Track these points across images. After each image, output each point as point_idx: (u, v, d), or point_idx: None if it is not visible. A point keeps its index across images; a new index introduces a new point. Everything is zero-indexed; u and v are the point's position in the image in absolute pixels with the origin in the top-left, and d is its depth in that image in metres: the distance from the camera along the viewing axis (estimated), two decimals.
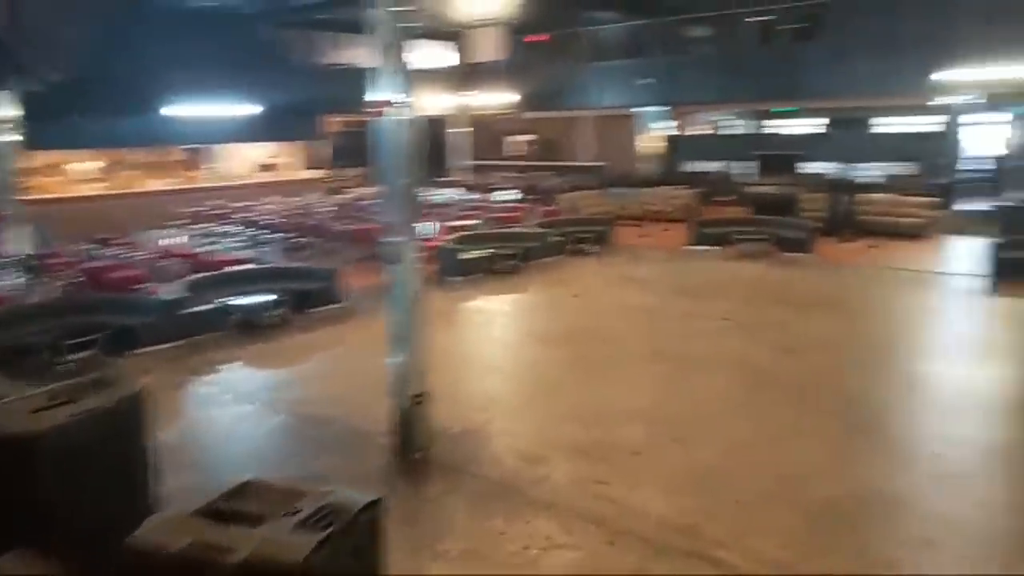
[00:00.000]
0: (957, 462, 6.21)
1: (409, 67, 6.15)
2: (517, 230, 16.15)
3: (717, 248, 15.62)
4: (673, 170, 25.74)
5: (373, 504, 3.71)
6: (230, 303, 10.30)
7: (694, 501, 5.57)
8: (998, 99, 21.30)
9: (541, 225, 16.52)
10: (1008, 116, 23.39)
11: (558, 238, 15.27)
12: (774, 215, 16.53)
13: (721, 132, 30.89)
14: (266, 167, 26.71)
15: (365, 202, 19.59)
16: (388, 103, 6.07)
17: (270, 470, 5.74)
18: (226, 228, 17.58)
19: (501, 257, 13.80)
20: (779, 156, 18.41)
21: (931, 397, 7.92)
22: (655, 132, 26.64)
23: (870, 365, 8.74)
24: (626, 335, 10.09)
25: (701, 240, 16.18)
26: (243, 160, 26.21)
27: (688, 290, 12.62)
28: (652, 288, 12.81)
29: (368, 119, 6.53)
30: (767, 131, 29.50)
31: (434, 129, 26.85)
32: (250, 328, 10.11)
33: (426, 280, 7.01)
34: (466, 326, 11.22)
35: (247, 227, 17.59)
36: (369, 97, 6.18)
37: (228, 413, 7.71)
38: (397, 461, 6.24)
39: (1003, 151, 23.57)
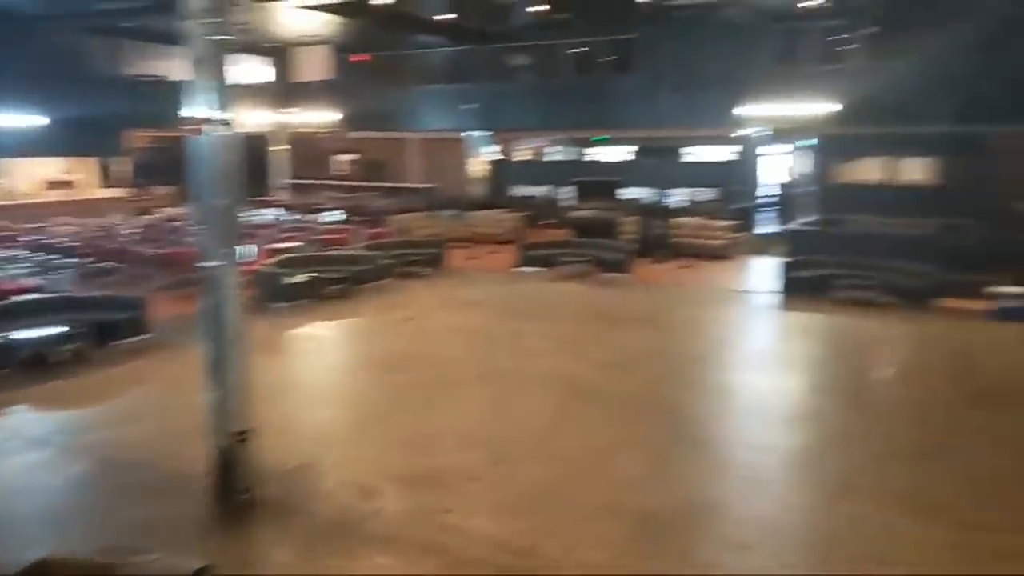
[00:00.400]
0: (766, 468, 6.72)
1: (227, 82, 5.77)
2: (345, 252, 15.71)
3: (543, 270, 16.12)
4: (501, 194, 26.35)
5: (201, 572, 3.30)
6: (14, 337, 9.14)
7: (530, 521, 5.60)
8: (784, 133, 23.78)
9: (370, 247, 16.20)
10: (791, 148, 26.15)
11: (388, 260, 15.03)
12: (595, 238, 17.32)
13: (546, 158, 32.07)
14: (57, 184, 24.13)
15: (176, 223, 18.28)
16: (204, 119, 5.67)
17: (72, 534, 5.10)
18: (10, 252, 15.68)
19: (328, 281, 13.33)
20: (599, 182, 19.38)
21: (739, 406, 8.57)
22: (484, 156, 27.16)
23: (685, 377, 9.33)
24: (459, 357, 10.08)
25: (528, 262, 16.62)
26: (30, 177, 23.56)
27: (516, 311, 12.87)
28: (482, 310, 12.94)
29: (180, 135, 6.06)
30: (588, 158, 31.01)
31: (254, 146, 25.70)
32: (40, 365, 9.02)
33: (247, 307, 6.58)
34: (293, 355, 10.71)
35: (37, 251, 15.77)
36: (184, 112, 5.73)
37: (15, 463, 6.78)
38: (221, 506, 5.75)
39: (788, 179, 26.32)
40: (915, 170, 19.60)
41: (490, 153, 27.39)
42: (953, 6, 17.36)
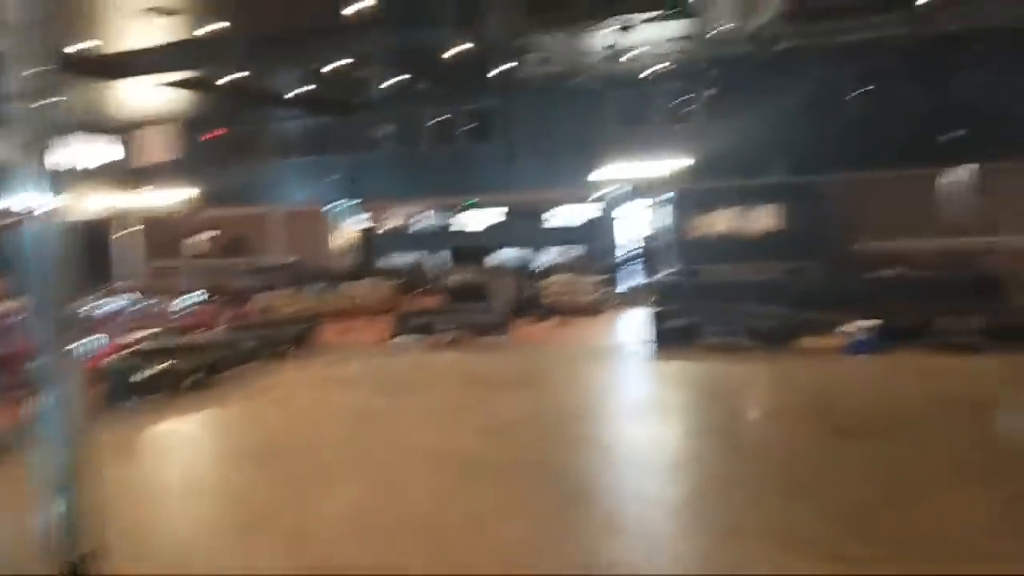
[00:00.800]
0: (652, 520, 6.71)
1: (61, 166, 5.30)
2: (204, 338, 14.81)
3: (419, 338, 15.87)
4: (372, 264, 25.99)
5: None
6: None
7: None
8: (642, 189, 24.99)
9: (233, 329, 15.36)
10: (651, 203, 27.50)
11: (254, 343, 14.27)
12: (470, 302, 17.30)
13: (416, 225, 32.05)
14: None
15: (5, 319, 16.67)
16: (29, 208, 5.15)
17: None
18: None
19: (187, 370, 12.27)
20: (471, 247, 19.53)
21: (622, 459, 8.57)
22: (351, 226, 26.81)
23: (568, 436, 9.28)
24: (336, 440, 9.59)
25: (404, 332, 16.33)
26: None
27: (395, 385, 12.50)
28: (359, 387, 12.48)
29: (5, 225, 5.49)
30: (459, 223, 31.27)
31: (95, 232, 24.14)
32: None
33: (93, 407, 5.95)
34: (150, 455, 9.80)
35: None
36: (5, 201, 5.19)
37: None
38: None
39: (649, 233, 27.56)
40: (763, 219, 21.01)
41: (358, 223, 27.07)
42: (782, 70, 18.99)
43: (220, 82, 19.12)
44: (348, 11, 13.50)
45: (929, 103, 20.39)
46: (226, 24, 15.10)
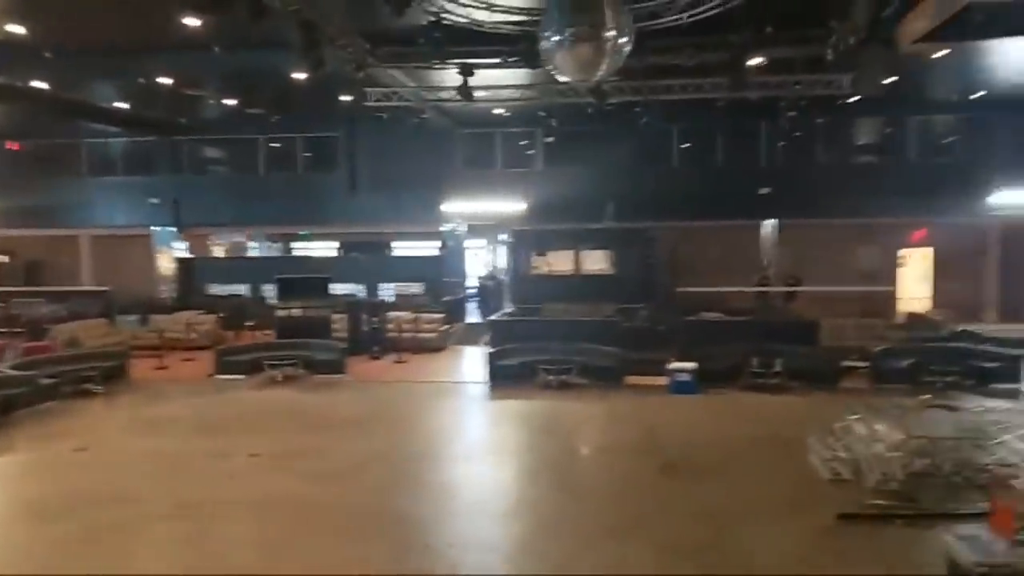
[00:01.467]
0: (491, 567, 6.63)
1: None
2: None
3: (245, 377, 15.00)
4: (194, 294, 24.34)
5: None
6: None
7: None
8: (483, 228, 25.40)
9: (24, 365, 13.61)
10: (492, 242, 28.01)
11: (51, 379, 12.79)
12: (305, 338, 16.58)
13: (247, 254, 30.54)
14: None
15: None
16: None
17: None
18: None
19: None
20: (306, 279, 18.73)
21: (460, 504, 8.43)
22: (174, 253, 25.02)
23: (406, 479, 9.04)
24: (146, 491, 8.69)
25: (227, 369, 15.36)
26: None
27: (215, 426, 11.64)
28: (173, 429, 11.49)
29: None
30: (295, 253, 30.21)
31: None
32: None
33: None
34: None
35: None
36: None
37: None
38: None
39: (489, 272, 28.00)
40: (595, 261, 21.92)
41: (180, 250, 25.32)
42: (611, 122, 20.08)
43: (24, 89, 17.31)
44: (183, 27, 12.69)
45: (745, 161, 22.39)
46: (23, 30, 13.73)
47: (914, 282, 23.25)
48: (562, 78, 9.85)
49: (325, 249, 30.55)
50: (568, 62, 8.99)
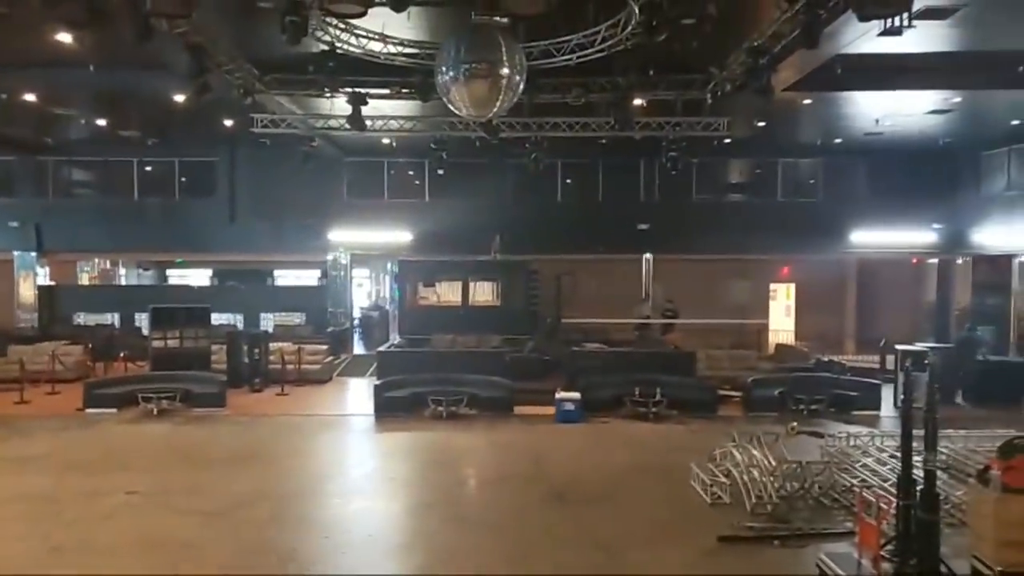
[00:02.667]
0: None
1: None
2: None
3: (117, 410, 14.10)
4: (59, 323, 22.66)
5: None
6: None
7: None
8: (368, 258, 25.08)
9: None
10: (378, 272, 27.71)
11: None
12: (182, 370, 15.76)
13: (118, 282, 28.77)
14: None
15: None
16: None
17: None
18: None
19: None
20: (183, 308, 17.82)
21: (350, 539, 8.18)
22: (36, 280, 23.23)
23: (292, 516, 8.74)
24: (13, 535, 7.98)
25: (98, 402, 14.42)
26: None
27: (85, 464, 10.83)
28: (38, 468, 10.61)
29: None
30: (171, 282, 28.75)
31: None
32: None
33: None
34: None
35: None
36: None
37: None
38: None
39: (375, 302, 27.67)
40: (482, 292, 22.10)
41: (42, 276, 23.54)
42: (499, 156, 20.47)
43: None
44: (54, 43, 11.94)
45: (626, 197, 23.32)
46: None
47: (782, 315, 24.84)
48: (457, 112, 9.99)
49: (202, 277, 29.25)
50: (464, 97, 9.14)
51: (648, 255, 23.28)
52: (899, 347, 15.27)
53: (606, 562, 7.37)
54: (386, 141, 20.17)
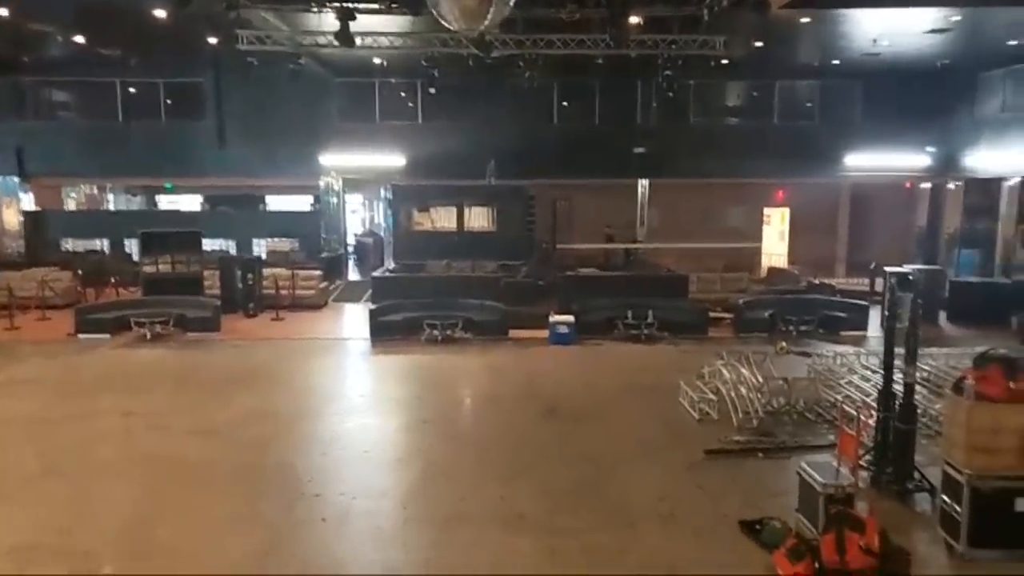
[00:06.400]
0: (383, 514, 6.73)
1: None
2: None
3: (110, 336, 14.21)
4: (47, 250, 22.53)
5: None
6: None
7: None
8: (362, 182, 24.81)
9: None
10: (373, 197, 27.49)
11: None
12: (173, 295, 15.79)
13: (107, 207, 28.49)
14: None
15: None
16: None
17: None
18: None
19: None
20: (174, 234, 17.69)
21: (348, 455, 8.38)
22: (20, 206, 22.98)
23: (292, 435, 8.94)
24: (9, 455, 8.17)
25: (90, 327, 14.49)
26: None
27: (82, 388, 11.00)
28: (33, 391, 10.78)
29: None
30: (161, 207, 28.51)
31: None
32: None
33: None
34: None
35: None
36: None
37: None
38: None
39: (370, 228, 27.56)
40: (477, 218, 22.00)
41: (28, 202, 23.28)
42: (493, 77, 20.01)
43: None
44: None
45: (622, 121, 22.98)
46: None
47: (776, 239, 24.88)
48: (447, 26, 9.71)
49: (193, 203, 28.97)
50: (454, 9, 8.87)
51: (644, 180, 23.10)
52: (886, 269, 15.35)
53: (595, 475, 7.60)
54: (377, 60, 19.69)
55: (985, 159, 21.02)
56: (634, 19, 15.07)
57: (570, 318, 14.38)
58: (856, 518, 5.54)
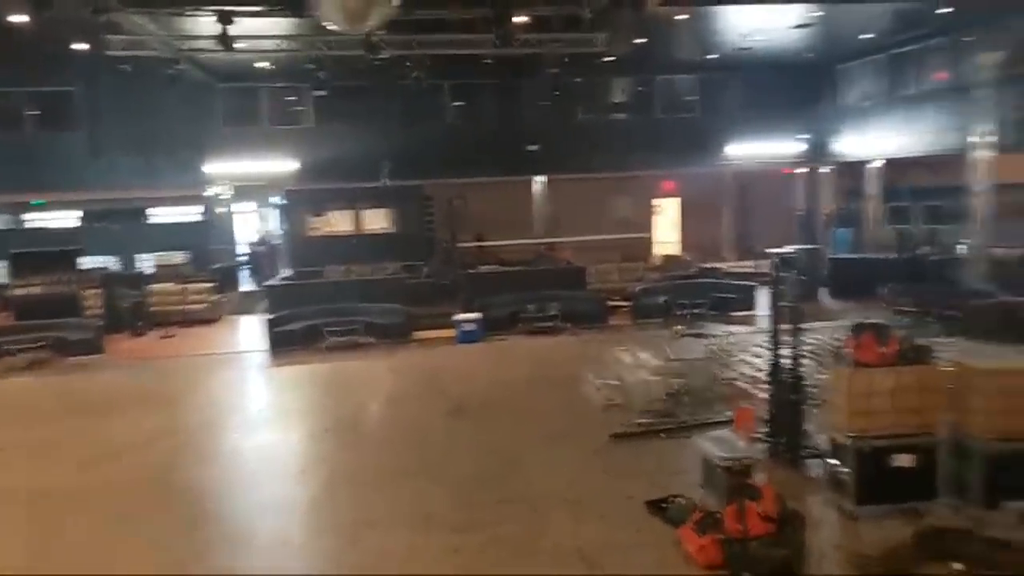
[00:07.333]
0: (289, 526, 6.56)
1: None
2: None
3: None
4: None
5: None
6: None
7: None
8: (252, 190, 24.00)
9: None
10: (263, 204, 26.61)
11: None
12: (50, 318, 14.81)
13: None
14: None
15: None
16: None
17: None
18: None
19: None
20: (48, 252, 16.58)
21: (252, 469, 8.15)
22: None
23: (187, 453, 8.57)
24: None
25: None
26: None
27: None
28: None
29: None
30: (28, 225, 26.55)
31: None
32: None
33: None
34: None
35: None
36: None
37: None
38: None
39: (263, 236, 26.69)
40: (374, 219, 21.70)
41: None
42: (384, 79, 19.78)
43: None
44: None
45: (513, 119, 23.20)
46: None
47: (667, 228, 25.78)
48: (330, 27, 9.55)
49: (69, 219, 27.17)
50: (336, 10, 8.73)
51: (539, 176, 23.42)
52: (769, 251, 16.22)
53: (502, 468, 7.65)
54: (262, 64, 19.10)
55: (851, 145, 22.51)
56: (520, 19, 15.25)
57: (476, 316, 14.42)
58: (754, 488, 5.82)
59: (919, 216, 21.77)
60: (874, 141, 21.36)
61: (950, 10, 15.96)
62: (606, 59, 18.84)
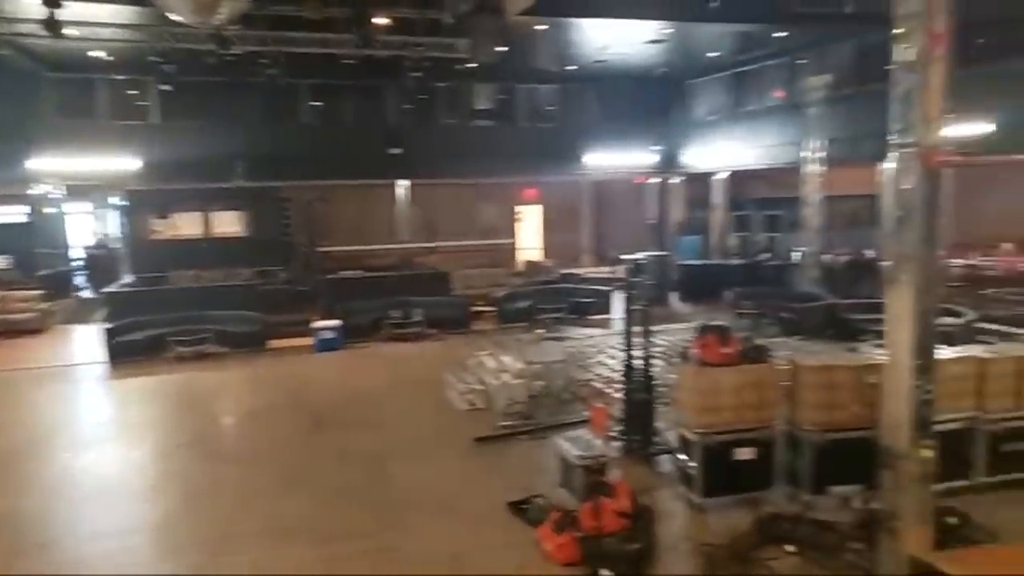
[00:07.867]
0: (134, 551, 6.10)
1: None
2: None
3: None
4: None
5: None
6: None
7: None
8: (87, 190, 22.18)
9: None
10: (97, 206, 24.68)
11: None
12: None
13: None
14: None
15: None
16: None
17: None
18: None
19: None
20: None
21: (88, 492, 7.48)
22: None
23: (10, 477, 7.77)
24: None
25: None
26: None
27: None
28: None
29: None
30: None
31: None
32: None
33: None
34: None
35: None
36: None
37: None
38: None
39: (98, 239, 24.77)
40: (226, 223, 20.67)
41: None
42: (238, 75, 18.88)
43: None
44: None
45: (375, 122, 22.84)
46: None
47: (530, 234, 26.28)
48: (176, 18, 8.99)
49: None
50: (183, 1, 8.22)
51: (402, 181, 23.17)
52: (623, 256, 16.88)
53: (367, 477, 7.50)
54: (97, 54, 17.70)
55: (699, 156, 23.86)
56: (382, 20, 15.04)
57: (336, 323, 14.04)
58: (609, 485, 6.02)
59: (760, 225, 23.43)
60: (720, 154, 22.75)
61: (785, 34, 17.31)
62: (469, 65, 18.93)
